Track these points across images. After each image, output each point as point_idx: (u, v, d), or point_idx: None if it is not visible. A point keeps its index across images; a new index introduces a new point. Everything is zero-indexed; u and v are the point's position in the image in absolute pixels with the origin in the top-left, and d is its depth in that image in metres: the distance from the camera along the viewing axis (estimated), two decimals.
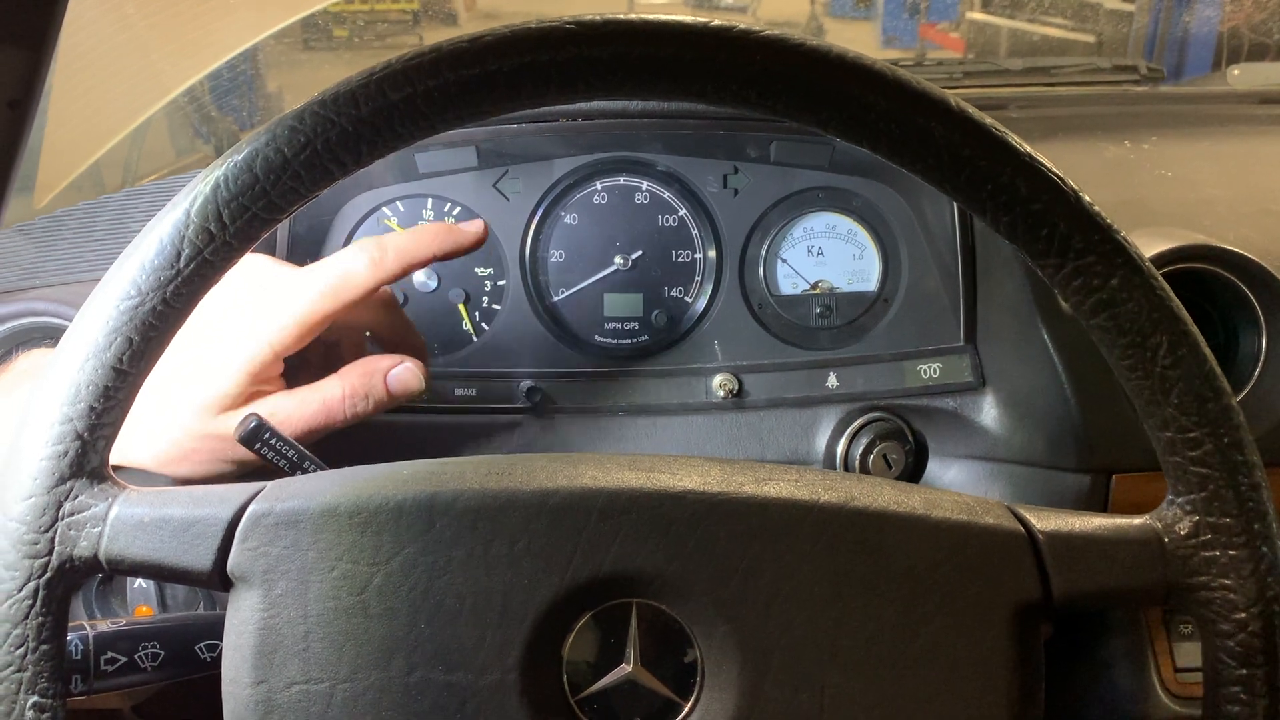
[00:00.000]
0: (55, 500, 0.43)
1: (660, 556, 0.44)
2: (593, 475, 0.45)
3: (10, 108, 0.37)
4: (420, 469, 0.46)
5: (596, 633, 0.45)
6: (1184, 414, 0.42)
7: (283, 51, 1.58)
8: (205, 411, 0.60)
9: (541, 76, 0.40)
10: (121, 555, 0.44)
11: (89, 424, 0.43)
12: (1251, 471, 0.43)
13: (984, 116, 0.41)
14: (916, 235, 0.85)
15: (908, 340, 0.84)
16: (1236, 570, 0.43)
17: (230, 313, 0.61)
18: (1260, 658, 0.42)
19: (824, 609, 0.44)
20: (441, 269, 0.84)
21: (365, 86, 0.40)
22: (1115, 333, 0.42)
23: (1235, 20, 1.58)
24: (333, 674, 0.43)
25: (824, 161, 0.84)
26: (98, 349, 0.42)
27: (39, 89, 0.38)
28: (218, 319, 0.60)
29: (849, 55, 0.40)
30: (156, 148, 1.30)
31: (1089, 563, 0.44)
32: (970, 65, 1.20)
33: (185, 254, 0.42)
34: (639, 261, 0.85)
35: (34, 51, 0.37)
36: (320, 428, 0.63)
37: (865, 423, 0.82)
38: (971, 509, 0.45)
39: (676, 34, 0.40)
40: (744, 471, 0.46)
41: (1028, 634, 0.45)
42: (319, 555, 0.44)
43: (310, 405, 0.62)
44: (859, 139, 0.41)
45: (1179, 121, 0.93)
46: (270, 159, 0.41)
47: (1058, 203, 0.41)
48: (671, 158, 0.85)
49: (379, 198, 0.83)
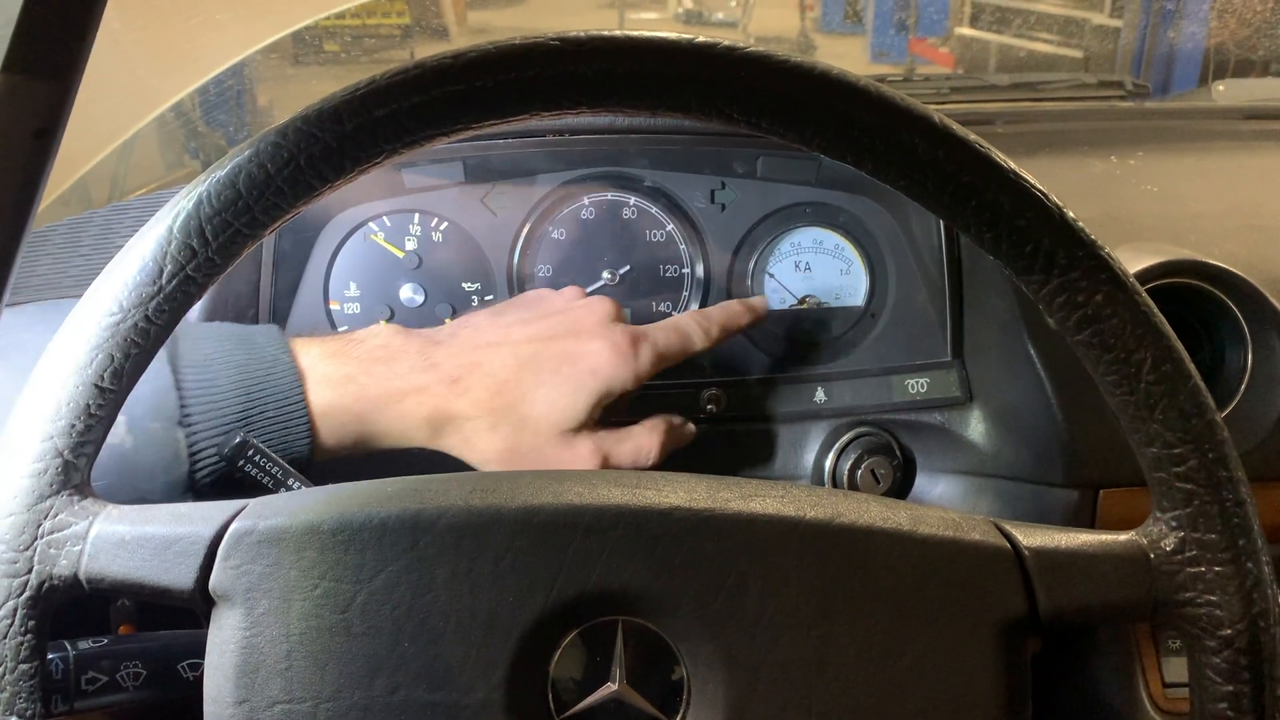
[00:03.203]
0: (35, 519, 0.43)
1: (646, 573, 0.44)
2: (578, 492, 0.45)
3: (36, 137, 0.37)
4: (404, 486, 0.46)
5: (582, 650, 0.45)
6: (1168, 430, 0.42)
7: (272, 66, 1.58)
8: (553, 429, 0.66)
9: (526, 92, 0.40)
10: (102, 574, 0.43)
11: (70, 442, 0.43)
12: (1236, 487, 0.43)
13: (968, 133, 0.41)
14: (903, 250, 0.85)
15: (895, 355, 0.85)
16: (1222, 586, 0.42)
17: (593, 351, 0.67)
18: (1246, 674, 0.42)
19: (811, 625, 0.44)
20: (428, 284, 0.84)
21: (349, 102, 0.40)
22: (1099, 349, 0.42)
23: (1221, 36, 1.59)
24: (315, 693, 0.43)
25: (811, 177, 0.84)
26: (79, 366, 0.42)
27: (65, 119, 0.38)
28: (572, 349, 0.67)
29: (833, 72, 0.40)
30: (144, 162, 1.30)
31: (1075, 579, 0.44)
32: (958, 81, 1.20)
33: (168, 270, 0.42)
34: (626, 276, 0.85)
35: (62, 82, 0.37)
36: (628, 466, 0.69)
37: (853, 438, 0.82)
38: (958, 525, 0.45)
39: (660, 50, 0.40)
40: (730, 487, 0.46)
41: (1015, 650, 0.44)
42: (302, 573, 0.43)
43: (626, 445, 0.69)
44: (843, 155, 0.41)
45: (1165, 137, 0.93)
46: (254, 175, 0.41)
47: (1041, 219, 0.41)
48: (658, 173, 0.85)
49: (365, 213, 0.83)
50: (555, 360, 0.67)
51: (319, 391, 0.63)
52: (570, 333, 0.68)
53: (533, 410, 0.66)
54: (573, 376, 0.66)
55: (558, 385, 0.66)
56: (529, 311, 0.70)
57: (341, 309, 0.83)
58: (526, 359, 0.66)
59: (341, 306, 0.83)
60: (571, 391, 0.66)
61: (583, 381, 0.66)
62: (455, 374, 0.65)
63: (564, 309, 0.70)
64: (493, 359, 0.66)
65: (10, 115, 0.37)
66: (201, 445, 0.59)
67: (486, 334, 0.68)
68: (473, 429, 0.66)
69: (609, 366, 0.67)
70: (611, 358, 0.67)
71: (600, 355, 0.67)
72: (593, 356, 0.67)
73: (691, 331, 0.72)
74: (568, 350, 0.67)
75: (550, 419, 0.66)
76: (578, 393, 0.66)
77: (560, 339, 0.68)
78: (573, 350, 0.67)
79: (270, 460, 0.58)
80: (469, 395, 0.65)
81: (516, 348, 0.67)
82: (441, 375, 0.65)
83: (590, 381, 0.66)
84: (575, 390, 0.66)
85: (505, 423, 0.66)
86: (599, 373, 0.67)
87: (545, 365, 0.66)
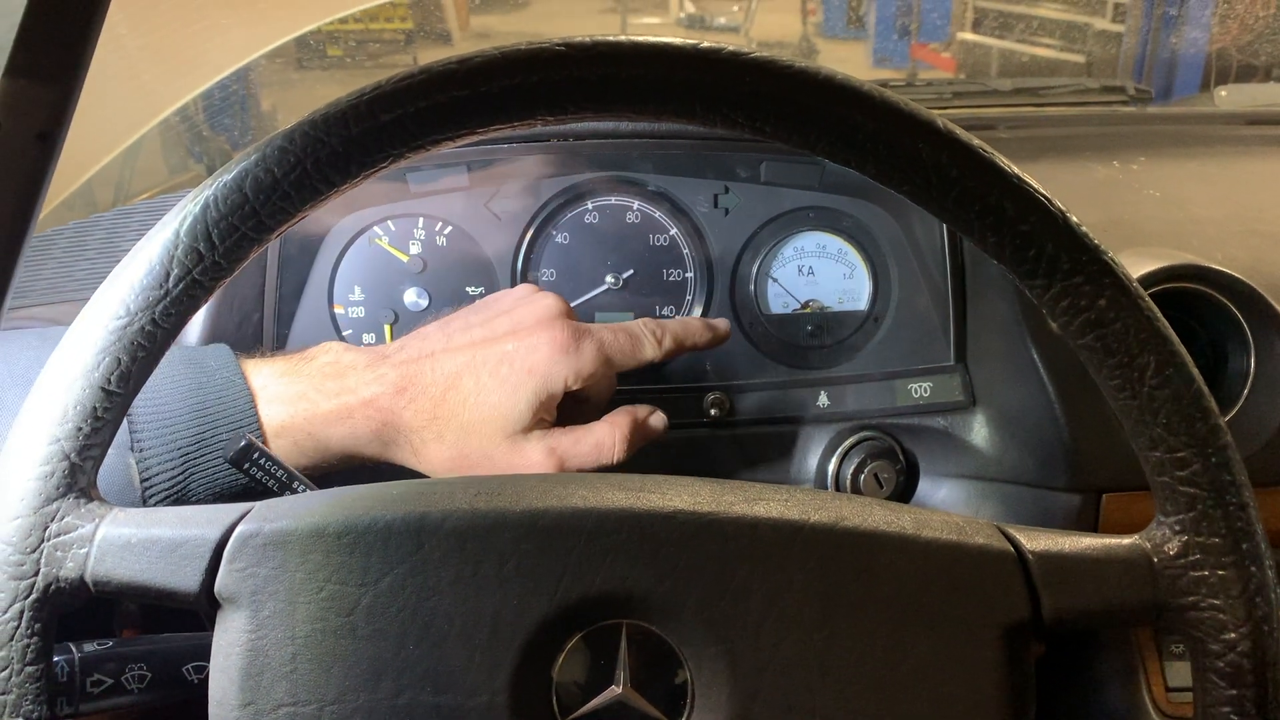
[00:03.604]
0: (42, 521, 0.43)
1: (650, 577, 0.44)
2: (582, 495, 0.45)
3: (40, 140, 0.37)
4: (409, 489, 0.46)
5: (586, 654, 0.45)
6: (1172, 434, 0.42)
7: (276, 71, 1.58)
8: (497, 433, 0.65)
9: (531, 97, 0.40)
10: (108, 576, 0.43)
11: (76, 444, 0.43)
12: (1239, 491, 0.43)
13: (971, 137, 0.41)
14: (906, 255, 0.86)
15: (898, 359, 0.85)
16: (1225, 590, 0.43)
17: (529, 347, 0.66)
18: (1249, 678, 0.42)
19: (814, 629, 0.44)
20: (433, 288, 0.84)
21: (355, 107, 0.40)
22: (1103, 353, 0.42)
23: (1223, 42, 1.60)
24: (320, 696, 0.43)
25: (814, 181, 0.84)
26: (86, 369, 0.42)
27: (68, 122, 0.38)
28: (520, 351, 0.66)
29: (837, 77, 0.41)
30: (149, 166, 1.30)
31: (1079, 583, 0.44)
32: (960, 86, 1.20)
33: (174, 274, 0.42)
34: (630, 280, 0.86)
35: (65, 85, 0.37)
36: (589, 466, 0.68)
37: (856, 442, 0.82)
38: (961, 529, 0.45)
39: (665, 55, 0.40)
40: (734, 491, 0.46)
41: (1018, 654, 0.44)
42: (307, 576, 0.44)
43: (584, 444, 0.67)
44: (847, 160, 0.42)
45: (1167, 142, 0.94)
46: (260, 179, 0.41)
47: (1045, 223, 0.41)
48: (662, 177, 0.85)
49: (370, 217, 0.83)
50: (494, 362, 0.66)
51: (272, 410, 0.63)
52: (509, 333, 0.67)
53: (475, 415, 0.65)
54: (509, 377, 0.65)
55: (495, 388, 0.65)
56: (477, 316, 0.70)
57: (346, 313, 0.84)
58: (465, 364, 0.66)
59: (346, 310, 0.84)
60: (510, 392, 0.65)
61: (520, 381, 0.65)
62: (401, 385, 0.65)
63: (510, 308, 0.69)
64: (434, 367, 0.66)
65: (13, 118, 0.37)
66: (154, 471, 0.59)
67: (432, 342, 0.68)
68: (420, 440, 0.65)
69: (546, 362, 0.65)
70: (549, 353, 0.65)
71: (537, 351, 0.66)
72: (529, 353, 0.65)
73: (642, 337, 0.71)
74: (505, 351, 0.66)
75: (494, 423, 0.65)
76: (516, 392, 0.65)
77: (499, 340, 0.67)
78: (510, 350, 0.66)
79: (275, 463, 0.58)
80: (413, 406, 0.65)
81: (456, 354, 0.66)
82: (388, 386, 0.65)
83: (528, 380, 0.65)
84: (514, 390, 0.65)
85: (449, 431, 0.65)
86: (536, 369, 0.65)
87: (484, 368, 0.65)
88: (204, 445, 0.61)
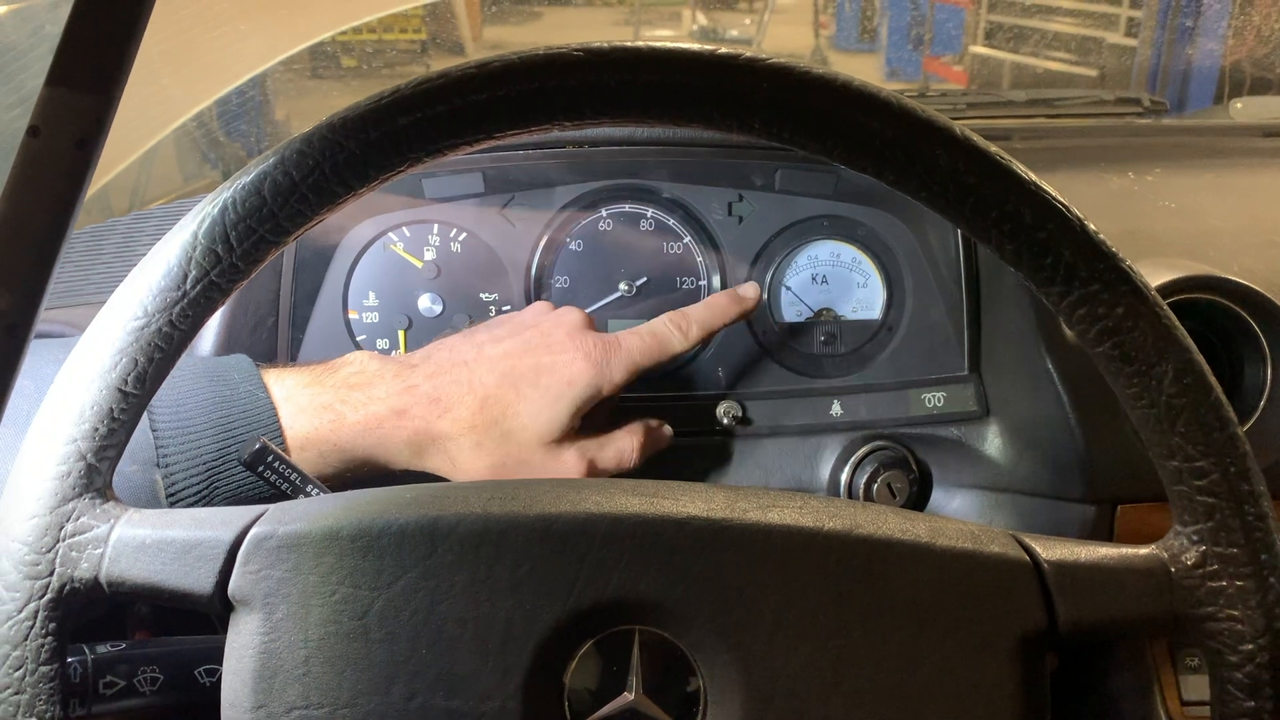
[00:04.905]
0: (57, 521, 0.43)
1: (663, 583, 0.44)
2: (596, 501, 0.45)
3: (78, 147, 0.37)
4: (422, 493, 0.46)
5: (598, 660, 0.45)
6: (1190, 443, 0.42)
7: (291, 79, 1.59)
8: (536, 441, 0.68)
9: (548, 102, 0.40)
10: (122, 577, 0.43)
11: (93, 445, 0.43)
12: (1258, 501, 0.42)
13: (989, 144, 0.41)
14: (921, 264, 0.85)
15: (912, 369, 0.84)
16: (1244, 601, 0.42)
17: (567, 360, 0.68)
18: (1268, 689, 0.42)
19: (828, 637, 0.44)
20: (447, 294, 0.84)
21: (374, 111, 0.41)
22: (1121, 361, 0.42)
23: (1238, 54, 1.59)
24: (333, 699, 0.43)
25: (828, 190, 0.84)
26: (103, 370, 0.43)
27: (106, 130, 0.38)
28: (559, 364, 0.68)
29: (854, 83, 0.41)
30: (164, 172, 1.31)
31: (1095, 593, 0.44)
32: (974, 96, 1.20)
33: (192, 275, 0.42)
34: (644, 288, 0.86)
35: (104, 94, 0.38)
36: (612, 470, 0.71)
37: (869, 451, 0.82)
38: (977, 538, 0.45)
39: (683, 61, 0.40)
40: (748, 498, 0.46)
41: (1033, 664, 0.44)
42: (320, 579, 0.44)
43: (609, 449, 0.71)
44: (864, 166, 0.41)
45: (1182, 153, 0.93)
46: (279, 182, 0.41)
47: (1063, 230, 0.41)
48: (677, 185, 0.85)
49: (386, 223, 0.84)
50: (533, 373, 0.68)
51: (296, 421, 0.64)
52: (543, 346, 0.69)
53: (516, 424, 0.67)
54: (551, 388, 0.68)
55: (537, 398, 0.67)
56: (502, 329, 0.71)
57: (360, 318, 0.84)
58: (505, 374, 0.67)
59: (360, 316, 0.84)
60: (552, 402, 0.67)
61: (561, 392, 0.68)
62: (435, 394, 0.66)
63: (534, 323, 0.71)
64: (472, 377, 0.67)
65: (52, 126, 0.37)
66: (180, 484, 0.60)
67: (462, 353, 0.69)
68: (457, 448, 0.66)
69: (584, 375, 0.68)
70: (585, 366, 0.68)
71: (574, 365, 0.68)
72: (567, 366, 0.68)
73: (668, 334, 0.73)
74: (543, 363, 0.68)
75: (534, 431, 0.67)
76: (558, 403, 0.68)
77: (534, 352, 0.69)
78: (548, 362, 0.68)
79: (289, 466, 0.58)
80: (450, 414, 0.66)
81: (494, 364, 0.68)
82: (420, 396, 0.66)
83: (569, 391, 0.68)
84: (555, 401, 0.68)
85: (489, 439, 0.67)
86: (576, 382, 0.68)
87: (524, 379, 0.68)
88: (227, 458, 0.61)
